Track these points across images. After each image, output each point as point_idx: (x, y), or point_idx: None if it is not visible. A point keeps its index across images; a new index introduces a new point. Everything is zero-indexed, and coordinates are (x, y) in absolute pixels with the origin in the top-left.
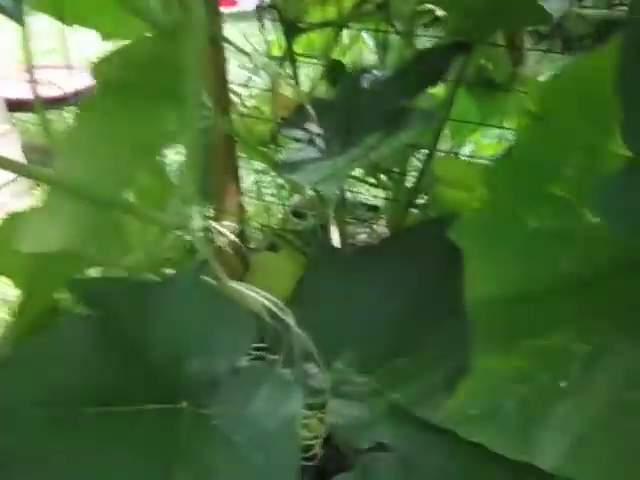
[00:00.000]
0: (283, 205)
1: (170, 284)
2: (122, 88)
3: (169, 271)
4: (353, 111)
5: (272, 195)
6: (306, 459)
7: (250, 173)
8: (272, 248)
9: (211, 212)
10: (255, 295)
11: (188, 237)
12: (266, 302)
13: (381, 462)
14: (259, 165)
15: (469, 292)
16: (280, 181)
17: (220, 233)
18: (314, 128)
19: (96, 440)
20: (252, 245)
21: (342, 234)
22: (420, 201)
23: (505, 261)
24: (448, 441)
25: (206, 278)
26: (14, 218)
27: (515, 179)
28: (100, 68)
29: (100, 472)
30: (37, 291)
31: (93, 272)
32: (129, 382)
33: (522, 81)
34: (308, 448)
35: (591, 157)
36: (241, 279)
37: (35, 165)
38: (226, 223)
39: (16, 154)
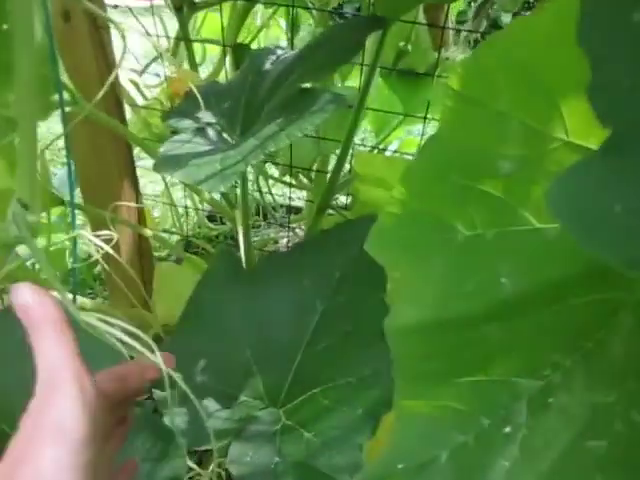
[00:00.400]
0: (197, 210)
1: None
2: None
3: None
4: (253, 96)
5: (185, 199)
6: None
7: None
8: (187, 250)
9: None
10: (109, 328)
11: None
12: (123, 336)
13: None
14: None
15: (389, 319)
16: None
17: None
18: (208, 117)
19: None
20: (164, 254)
21: (255, 240)
22: (341, 201)
23: (432, 278)
24: None
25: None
26: None
27: (439, 176)
28: None
29: None
30: None
31: None
32: None
33: (446, 67)
34: None
35: (532, 147)
36: (143, 294)
37: None
38: (104, 232)
39: None
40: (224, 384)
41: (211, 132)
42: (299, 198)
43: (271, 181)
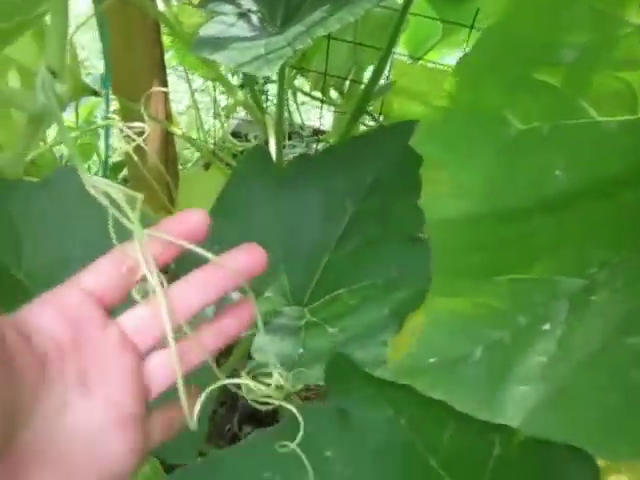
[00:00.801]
0: (222, 126)
1: (45, 186)
2: None
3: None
4: None
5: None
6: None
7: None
8: (209, 165)
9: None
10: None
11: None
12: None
13: (313, 414)
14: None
15: (431, 211)
16: (220, 101)
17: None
18: (249, 4)
19: None
20: (188, 166)
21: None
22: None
23: (481, 172)
24: (395, 392)
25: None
26: None
27: (494, 67)
28: None
29: None
30: None
31: None
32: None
33: None
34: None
35: (600, 32)
36: (169, 198)
37: None
38: (135, 124)
39: None
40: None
41: (253, 18)
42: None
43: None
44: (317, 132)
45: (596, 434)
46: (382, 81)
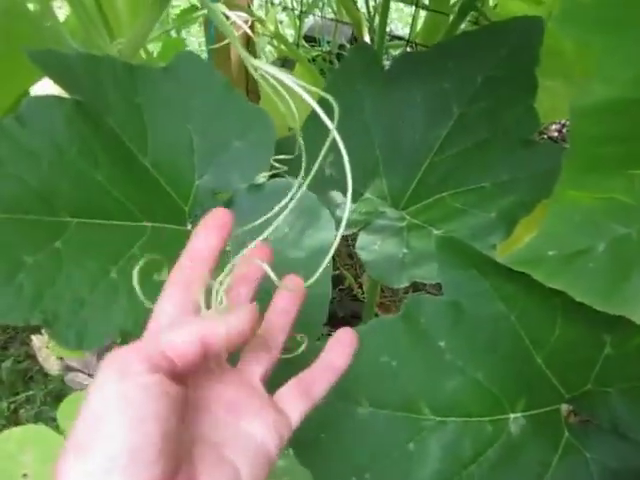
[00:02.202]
0: (298, 29)
1: (171, 72)
2: None
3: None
4: None
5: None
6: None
7: None
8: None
9: None
10: (284, 77)
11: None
12: (299, 88)
13: (427, 306)
14: None
15: (575, 100)
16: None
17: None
18: None
19: (81, 253)
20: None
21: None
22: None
23: (632, 55)
24: (508, 287)
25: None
26: None
27: None
28: None
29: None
30: None
31: None
32: (122, 191)
33: None
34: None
35: None
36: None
37: None
38: (240, 13)
39: None
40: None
41: None
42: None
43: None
44: (395, 37)
45: None
46: None
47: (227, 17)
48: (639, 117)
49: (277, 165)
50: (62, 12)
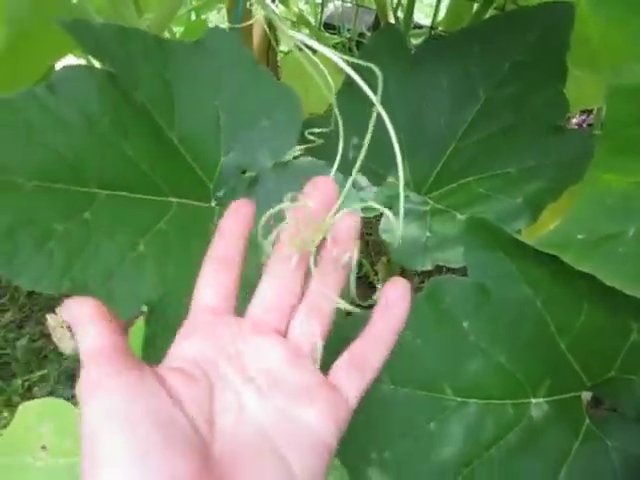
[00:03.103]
0: (317, 16)
1: (201, 47)
2: None
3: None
4: None
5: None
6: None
7: None
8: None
9: None
10: (321, 48)
11: None
12: (337, 59)
13: (452, 287)
14: None
15: (612, 80)
16: None
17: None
18: None
19: (110, 224)
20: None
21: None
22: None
23: None
24: (534, 271)
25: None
26: None
27: None
28: None
29: (116, 255)
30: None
31: None
32: (149, 165)
33: None
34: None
35: None
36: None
37: None
38: None
39: None
40: (374, 163)
41: None
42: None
43: None
44: (417, 27)
45: None
46: None
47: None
48: None
49: (312, 138)
50: None
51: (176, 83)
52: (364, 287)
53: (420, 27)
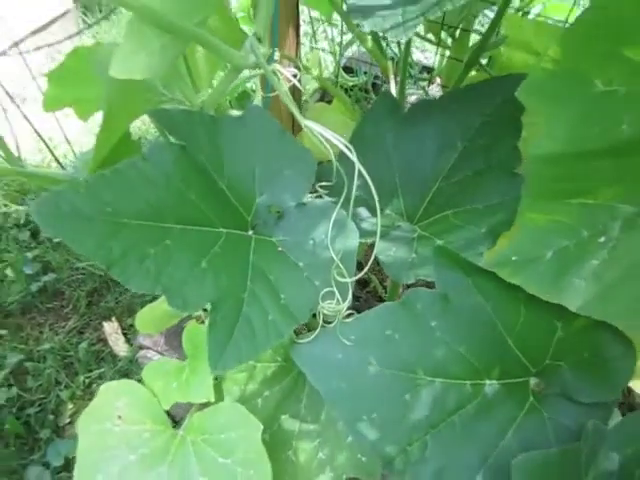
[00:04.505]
0: (335, 57)
1: (241, 120)
2: None
3: (233, 110)
4: None
5: (325, 48)
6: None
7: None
8: (323, 98)
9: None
10: (322, 131)
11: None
12: (333, 139)
13: (423, 296)
14: (315, 14)
15: (530, 148)
16: (333, 33)
17: (284, 77)
18: None
19: (183, 248)
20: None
21: (402, 81)
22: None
23: (569, 120)
24: (485, 284)
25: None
26: (94, 48)
27: (590, 40)
28: None
29: (180, 269)
30: (114, 118)
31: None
32: (208, 206)
33: None
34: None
35: None
36: (295, 133)
37: None
38: (289, 69)
39: None
40: (373, 199)
41: None
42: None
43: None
44: (424, 68)
45: (627, 314)
46: None
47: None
48: (572, 164)
49: (320, 190)
50: None
51: (225, 147)
52: (373, 299)
53: (428, 68)
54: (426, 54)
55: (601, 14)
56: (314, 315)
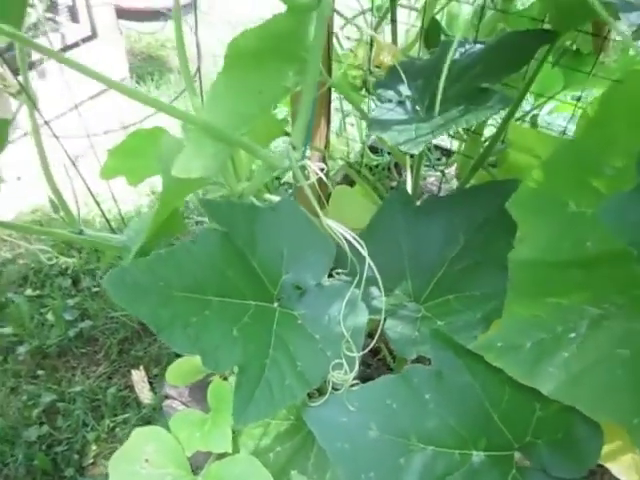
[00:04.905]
0: (362, 142)
1: (274, 209)
2: (256, 54)
3: (270, 197)
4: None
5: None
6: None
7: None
8: (345, 178)
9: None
10: (339, 228)
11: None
12: (348, 235)
13: (420, 371)
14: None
15: (513, 253)
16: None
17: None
18: (405, 90)
19: (219, 318)
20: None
21: (416, 176)
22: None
23: (547, 233)
24: (475, 365)
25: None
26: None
27: (565, 168)
28: (237, 40)
29: (215, 336)
30: (168, 201)
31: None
32: (242, 282)
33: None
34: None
35: (628, 163)
36: (321, 208)
37: (179, 109)
38: (318, 164)
39: (121, 58)
40: (385, 280)
41: (408, 103)
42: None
43: None
44: (443, 152)
45: (591, 401)
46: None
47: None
48: (548, 270)
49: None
50: None
51: (259, 232)
52: (383, 367)
53: (447, 151)
54: (445, 137)
55: (573, 148)
56: (325, 381)
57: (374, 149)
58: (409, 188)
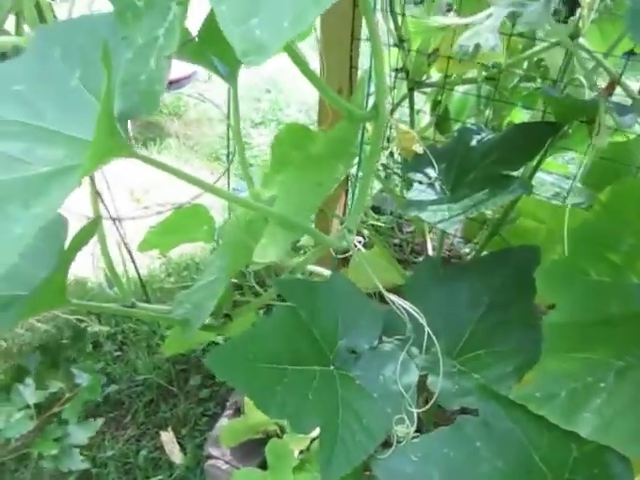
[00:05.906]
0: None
1: (330, 283)
2: (319, 155)
3: (312, 267)
4: (462, 163)
5: None
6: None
7: None
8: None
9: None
10: (396, 300)
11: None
12: (405, 305)
13: (470, 422)
14: None
15: (547, 317)
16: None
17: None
18: (432, 173)
19: (296, 385)
20: None
21: (439, 248)
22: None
23: (573, 299)
24: (516, 412)
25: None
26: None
27: (586, 245)
28: (307, 147)
29: (296, 401)
30: (232, 271)
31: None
32: (307, 350)
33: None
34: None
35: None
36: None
37: (243, 198)
38: (358, 237)
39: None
40: (422, 340)
41: (436, 185)
42: None
43: None
44: None
45: (622, 442)
46: None
47: None
48: (576, 330)
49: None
50: None
51: (318, 303)
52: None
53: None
54: None
55: (591, 227)
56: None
57: (376, 209)
58: (430, 253)
